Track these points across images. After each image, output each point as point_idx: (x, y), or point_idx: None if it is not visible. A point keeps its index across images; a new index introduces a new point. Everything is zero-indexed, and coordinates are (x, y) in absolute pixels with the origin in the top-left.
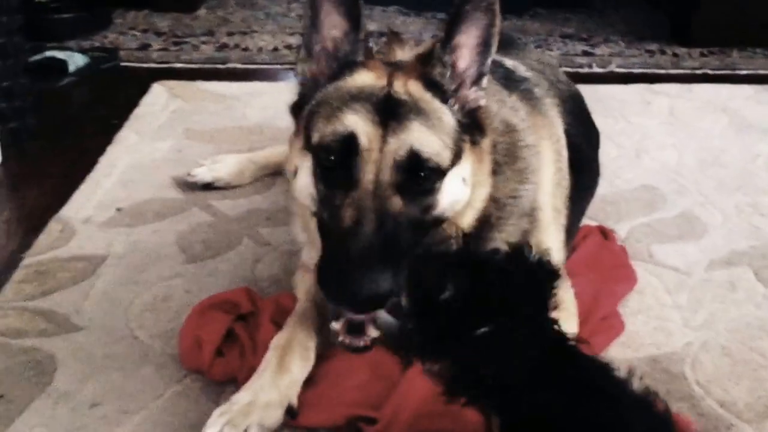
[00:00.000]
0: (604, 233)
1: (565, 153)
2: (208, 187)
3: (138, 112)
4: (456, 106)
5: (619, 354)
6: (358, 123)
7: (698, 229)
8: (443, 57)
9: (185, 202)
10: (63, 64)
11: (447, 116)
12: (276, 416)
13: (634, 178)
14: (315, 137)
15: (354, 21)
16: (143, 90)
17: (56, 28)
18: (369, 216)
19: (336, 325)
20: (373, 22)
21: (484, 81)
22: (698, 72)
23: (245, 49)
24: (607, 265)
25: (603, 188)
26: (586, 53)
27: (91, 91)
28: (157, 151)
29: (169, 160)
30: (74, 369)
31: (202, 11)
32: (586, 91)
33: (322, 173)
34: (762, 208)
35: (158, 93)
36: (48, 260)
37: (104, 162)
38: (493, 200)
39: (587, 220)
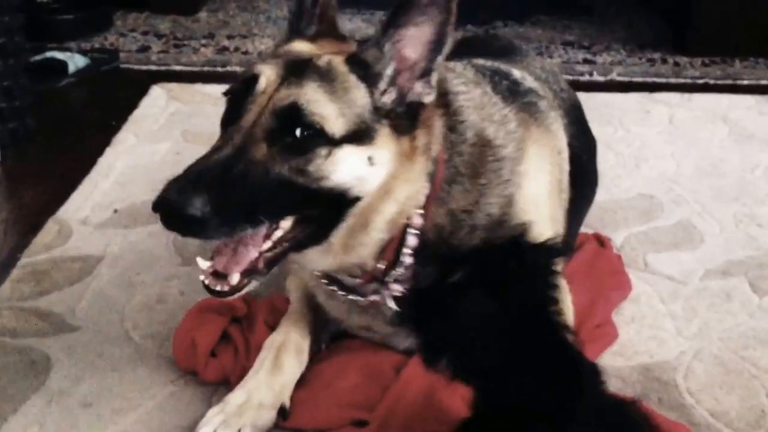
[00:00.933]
0: (601, 241)
1: (566, 166)
2: None
3: (137, 114)
4: (389, 93)
5: (611, 362)
6: (264, 71)
7: (695, 239)
8: (382, 42)
9: None
10: (63, 64)
11: (359, 92)
12: (269, 417)
13: (631, 186)
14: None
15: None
16: (142, 92)
17: (57, 28)
18: (226, 148)
19: (202, 264)
20: (372, 26)
21: (433, 78)
22: (699, 81)
23: (245, 53)
24: (603, 273)
25: (600, 196)
26: (587, 61)
27: (90, 92)
28: (155, 153)
29: (167, 162)
30: (68, 368)
31: (202, 14)
32: (587, 98)
33: (225, 115)
34: (759, 218)
35: (157, 95)
36: (45, 260)
37: (102, 163)
38: (448, 212)
39: (584, 226)
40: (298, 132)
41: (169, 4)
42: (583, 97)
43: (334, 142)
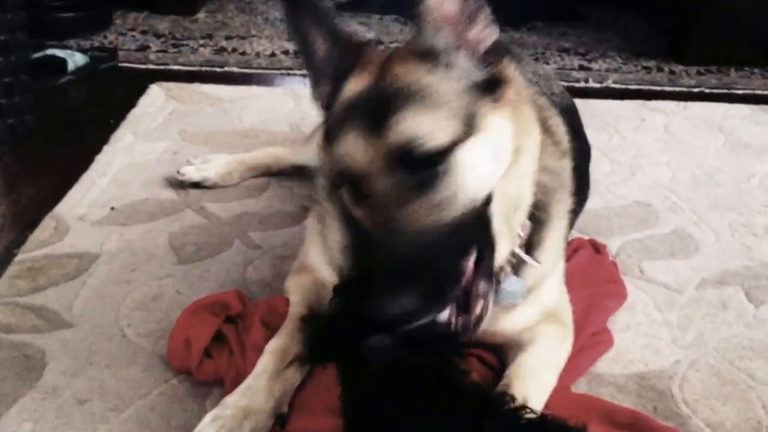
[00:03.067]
0: (596, 247)
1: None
2: (196, 186)
3: (135, 112)
4: (467, 58)
5: (606, 370)
6: (348, 147)
7: (690, 248)
8: (424, 11)
9: (179, 203)
10: (62, 62)
11: (445, 84)
12: (268, 424)
13: (627, 194)
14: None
15: (332, 33)
16: (141, 91)
17: (57, 26)
18: (384, 234)
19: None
20: (371, 30)
21: (485, 13)
22: (695, 90)
23: (243, 53)
24: (598, 280)
25: (595, 203)
26: (582, 68)
27: (89, 90)
28: (152, 151)
29: (164, 161)
30: (63, 365)
31: (201, 15)
32: (582, 105)
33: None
34: (755, 228)
35: (156, 94)
36: (41, 257)
37: (100, 160)
38: (544, 168)
39: (579, 234)
40: (419, 170)
41: (168, 5)
42: (578, 103)
43: (450, 150)
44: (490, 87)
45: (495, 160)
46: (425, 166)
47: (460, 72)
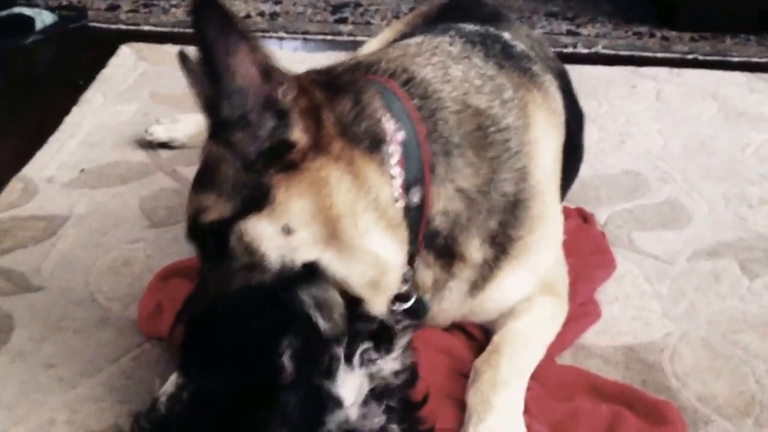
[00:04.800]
0: (584, 216)
1: (563, 131)
2: (164, 146)
3: (105, 73)
4: (260, 121)
5: (593, 341)
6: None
7: (682, 218)
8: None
9: (150, 166)
10: (30, 21)
11: (227, 161)
12: None
13: (616, 163)
14: None
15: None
16: (111, 51)
17: None
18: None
19: None
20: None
21: (276, 70)
22: (688, 57)
23: None
24: (586, 250)
25: (583, 171)
26: (570, 33)
27: (57, 50)
28: (123, 113)
29: (134, 123)
30: (31, 329)
31: None
32: (571, 71)
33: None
34: (750, 198)
35: (126, 55)
36: (8, 218)
37: (69, 122)
38: (458, 192)
39: (566, 203)
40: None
41: None
42: (567, 69)
43: (229, 223)
44: (288, 150)
45: (290, 233)
46: (211, 236)
47: (246, 142)
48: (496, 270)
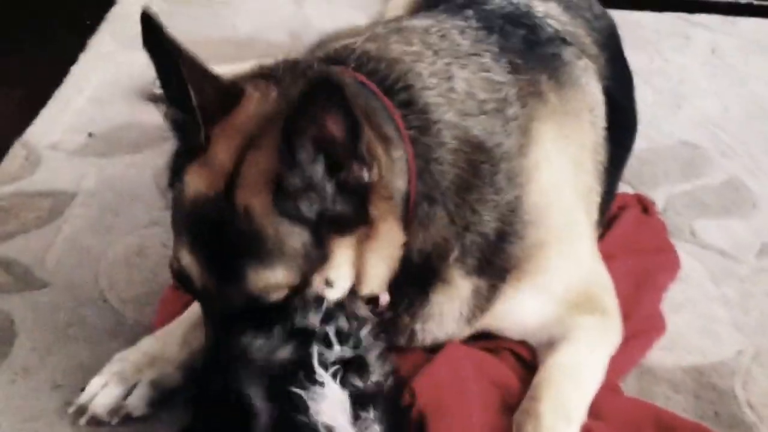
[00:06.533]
0: (644, 205)
1: (601, 123)
2: None
3: (115, 11)
4: (330, 193)
5: (659, 362)
6: (189, 265)
7: (747, 202)
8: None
9: (165, 129)
10: None
11: (294, 237)
12: (175, 375)
13: (672, 131)
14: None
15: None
16: None
17: None
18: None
19: None
20: None
21: (363, 152)
22: (743, 1)
23: None
24: (648, 249)
25: (636, 144)
26: None
27: None
28: (135, 63)
29: (148, 75)
30: (35, 338)
31: None
32: (615, 17)
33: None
34: None
35: None
36: (11, 194)
37: (75, 73)
38: (427, 239)
39: (622, 183)
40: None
41: None
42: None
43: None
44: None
45: (331, 285)
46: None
47: (313, 213)
48: (493, 298)
